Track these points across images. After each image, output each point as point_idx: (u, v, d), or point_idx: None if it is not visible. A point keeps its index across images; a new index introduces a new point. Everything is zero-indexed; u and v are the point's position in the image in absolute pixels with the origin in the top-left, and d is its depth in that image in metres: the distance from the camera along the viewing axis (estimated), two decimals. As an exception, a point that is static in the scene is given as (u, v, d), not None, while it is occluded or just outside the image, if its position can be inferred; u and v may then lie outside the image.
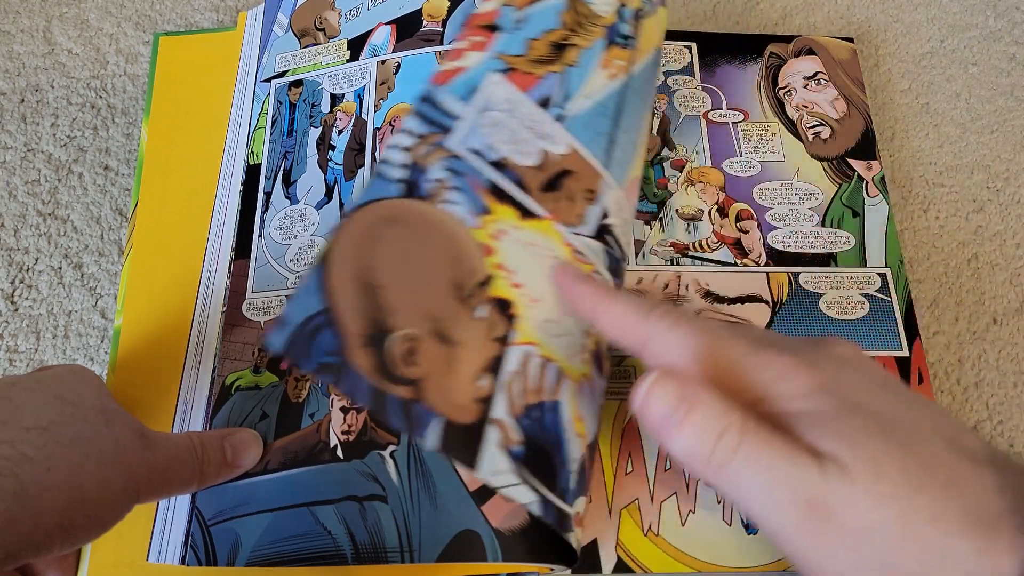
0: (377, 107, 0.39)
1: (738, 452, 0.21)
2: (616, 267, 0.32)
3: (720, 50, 0.44)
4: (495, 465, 0.26)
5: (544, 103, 0.31)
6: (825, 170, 0.41)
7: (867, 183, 0.41)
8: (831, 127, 0.42)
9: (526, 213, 0.29)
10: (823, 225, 0.40)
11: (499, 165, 0.30)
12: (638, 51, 0.34)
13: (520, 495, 0.26)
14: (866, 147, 0.42)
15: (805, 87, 0.43)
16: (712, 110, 0.43)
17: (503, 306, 0.28)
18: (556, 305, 0.29)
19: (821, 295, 0.38)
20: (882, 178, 0.41)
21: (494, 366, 0.27)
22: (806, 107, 0.43)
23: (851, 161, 0.42)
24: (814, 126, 0.43)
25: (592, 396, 0.30)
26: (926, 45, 0.48)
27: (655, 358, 0.25)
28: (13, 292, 0.39)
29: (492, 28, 0.33)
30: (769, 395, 0.23)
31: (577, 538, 0.28)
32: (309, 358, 0.25)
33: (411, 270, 0.27)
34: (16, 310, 0.38)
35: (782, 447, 0.21)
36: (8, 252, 0.40)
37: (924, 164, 0.44)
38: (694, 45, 0.44)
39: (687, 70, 0.44)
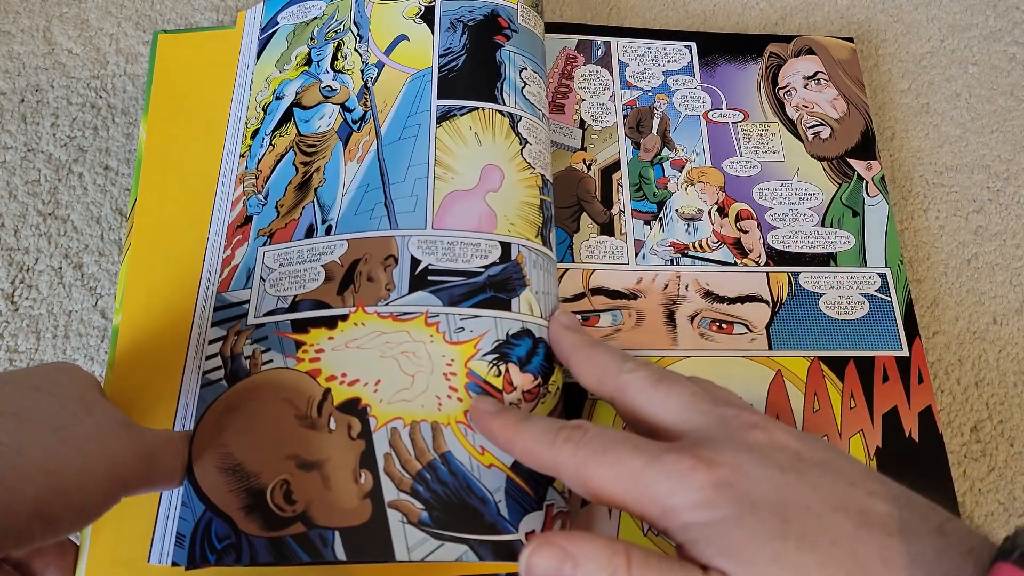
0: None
1: None
2: (470, 290, 0.32)
3: (720, 50, 0.44)
4: (409, 542, 0.28)
5: (310, 231, 0.34)
6: (825, 170, 0.41)
7: (867, 183, 0.41)
8: (831, 127, 0.42)
9: (332, 322, 0.32)
10: (823, 225, 0.40)
11: (294, 305, 0.32)
12: (379, 112, 0.36)
13: (446, 554, 0.28)
14: (866, 147, 0.42)
15: (805, 87, 0.43)
16: (712, 110, 0.43)
17: (351, 406, 0.30)
18: (400, 372, 0.30)
19: (821, 295, 0.38)
20: (882, 178, 0.41)
21: (367, 460, 0.29)
22: (806, 107, 0.43)
23: (851, 161, 0.42)
24: (814, 126, 0.42)
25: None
26: (926, 45, 0.48)
27: (568, 485, 0.26)
28: (13, 292, 0.39)
29: (247, 220, 0.35)
30: (670, 507, 0.23)
31: None
32: (209, 554, 0.28)
33: (258, 433, 0.30)
34: (16, 310, 0.38)
35: (670, 572, 0.22)
36: (8, 252, 0.40)
37: (924, 164, 0.44)
38: (694, 45, 0.44)
39: (687, 70, 0.44)
